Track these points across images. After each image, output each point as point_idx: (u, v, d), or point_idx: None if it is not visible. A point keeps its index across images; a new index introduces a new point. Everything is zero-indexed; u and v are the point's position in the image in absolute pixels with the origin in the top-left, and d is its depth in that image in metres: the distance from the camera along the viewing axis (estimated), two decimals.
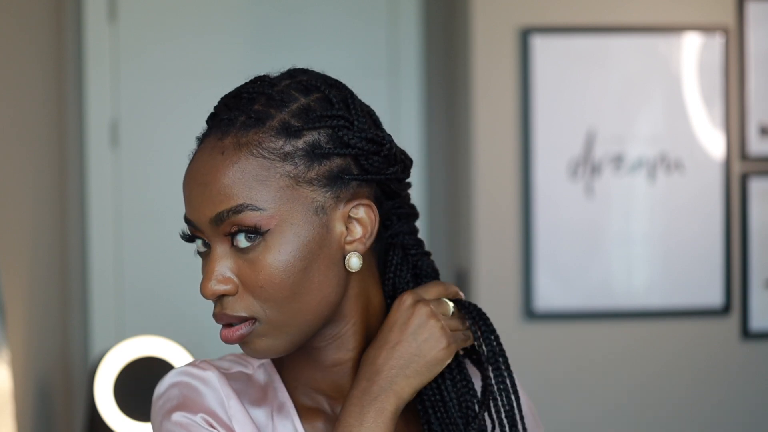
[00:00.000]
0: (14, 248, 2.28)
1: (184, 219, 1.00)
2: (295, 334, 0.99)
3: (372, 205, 1.00)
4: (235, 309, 0.98)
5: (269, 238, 0.96)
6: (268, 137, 0.97)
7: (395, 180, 1.04)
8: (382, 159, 1.01)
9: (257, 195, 0.95)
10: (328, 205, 0.98)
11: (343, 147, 0.99)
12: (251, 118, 0.98)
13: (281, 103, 0.98)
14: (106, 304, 3.11)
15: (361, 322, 1.04)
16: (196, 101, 3.14)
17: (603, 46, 2.70)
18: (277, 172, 0.96)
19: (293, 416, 1.03)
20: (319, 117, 0.98)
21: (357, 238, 1.00)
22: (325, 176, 0.98)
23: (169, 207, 3.13)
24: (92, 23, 3.10)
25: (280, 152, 0.96)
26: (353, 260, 0.99)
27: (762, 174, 2.73)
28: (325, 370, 1.05)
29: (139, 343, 2.39)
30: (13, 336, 2.18)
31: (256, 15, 3.18)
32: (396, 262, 1.08)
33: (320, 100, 1.00)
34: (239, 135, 0.97)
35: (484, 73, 2.70)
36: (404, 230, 1.09)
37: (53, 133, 2.85)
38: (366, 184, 1.01)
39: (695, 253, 2.72)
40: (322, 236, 0.98)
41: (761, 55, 2.73)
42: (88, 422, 2.38)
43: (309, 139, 0.97)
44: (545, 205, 2.70)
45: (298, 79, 1.02)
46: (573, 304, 2.70)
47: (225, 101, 1.02)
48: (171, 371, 1.04)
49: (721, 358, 2.75)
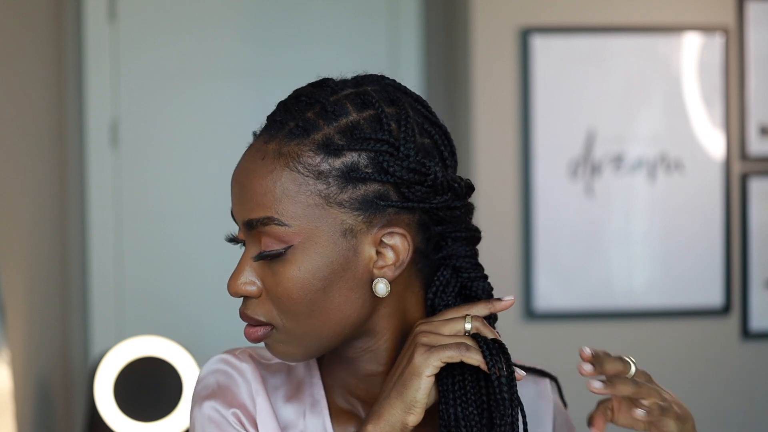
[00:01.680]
0: (14, 248, 2.28)
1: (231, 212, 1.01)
2: (311, 347, 0.99)
3: (407, 235, 0.97)
4: (256, 312, 0.99)
5: (292, 253, 0.95)
6: (307, 151, 0.95)
7: (445, 208, 1.00)
8: (426, 188, 0.98)
9: (284, 210, 0.95)
10: (358, 228, 0.96)
11: (382, 173, 0.96)
12: (299, 127, 0.96)
13: (332, 116, 0.96)
14: (106, 304, 3.11)
15: (395, 339, 1.02)
16: (196, 101, 3.14)
17: (603, 46, 2.70)
18: (309, 189, 0.95)
19: (325, 415, 1.03)
20: (364, 139, 0.96)
21: (387, 264, 0.98)
22: (359, 200, 0.96)
23: (169, 207, 3.13)
24: (92, 23, 3.10)
25: (315, 170, 0.95)
26: (380, 286, 0.97)
27: (762, 174, 2.73)
28: (360, 378, 1.04)
29: (139, 343, 2.39)
30: (13, 336, 2.18)
31: (256, 15, 3.18)
32: (440, 282, 1.03)
33: (371, 120, 0.97)
34: (282, 143, 0.96)
35: (484, 73, 2.70)
36: (459, 253, 1.04)
37: (53, 132, 2.85)
38: (406, 211, 0.98)
39: (695, 253, 2.72)
40: (348, 259, 0.96)
41: (761, 55, 2.73)
42: (88, 422, 2.38)
43: (347, 160, 0.95)
44: (545, 205, 2.69)
45: (360, 89, 1.00)
46: (573, 304, 2.70)
47: (287, 100, 1.01)
48: (215, 357, 1.07)
49: (721, 358, 2.75)
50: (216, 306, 3.10)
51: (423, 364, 0.94)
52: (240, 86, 3.15)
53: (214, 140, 3.12)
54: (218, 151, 3.09)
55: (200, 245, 3.11)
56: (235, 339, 3.00)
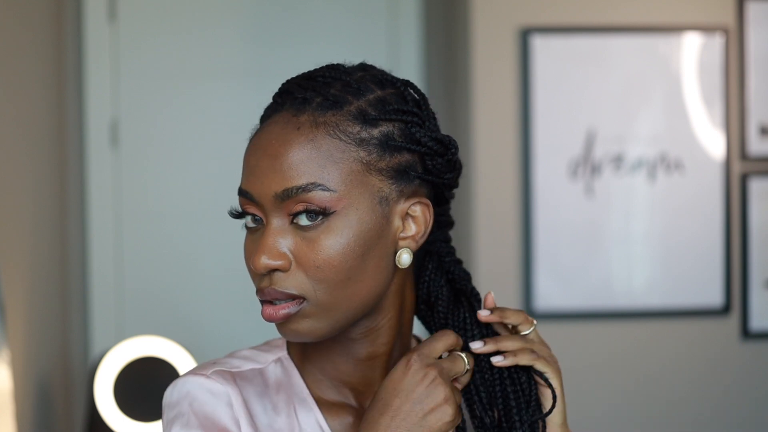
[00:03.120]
0: (14, 248, 2.28)
1: (239, 191, 0.99)
2: (339, 320, 0.98)
3: (430, 205, 1.01)
4: (286, 285, 0.96)
5: (333, 219, 0.95)
6: (345, 120, 0.97)
7: (449, 186, 1.05)
8: (444, 162, 1.02)
9: (329, 175, 0.95)
10: (392, 197, 0.98)
11: (414, 143, 0.99)
12: (328, 101, 0.97)
13: (358, 91, 0.99)
14: (106, 304, 3.11)
15: (396, 317, 1.04)
16: (196, 101, 3.14)
17: (603, 46, 2.70)
18: (352, 156, 0.96)
19: (316, 411, 1.03)
20: (395, 110, 0.99)
21: (410, 235, 1.00)
22: (394, 168, 0.98)
23: (169, 207, 3.13)
24: (92, 23, 3.10)
25: (357, 137, 0.97)
26: (404, 257, 1.00)
27: (762, 174, 2.73)
28: (358, 364, 1.04)
29: (139, 343, 2.39)
30: (13, 336, 2.18)
31: (256, 14, 3.18)
32: (432, 267, 1.08)
33: (395, 95, 1.01)
34: (317, 114, 0.97)
35: (484, 73, 2.70)
36: (440, 238, 1.10)
37: (53, 132, 2.85)
38: (426, 185, 1.02)
39: (695, 253, 2.72)
40: (382, 227, 0.98)
41: (761, 55, 2.73)
42: (88, 422, 2.38)
43: (384, 130, 0.98)
44: (545, 205, 2.70)
45: (372, 72, 1.02)
46: (573, 304, 2.70)
47: (297, 81, 1.01)
48: (183, 378, 1.02)
49: (721, 358, 2.75)
50: (216, 306, 3.10)
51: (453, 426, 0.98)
52: (240, 86, 3.15)
53: (214, 140, 3.12)
54: (218, 151, 3.09)
55: (200, 245, 3.11)
56: (235, 339, 3.03)
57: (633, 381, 2.74)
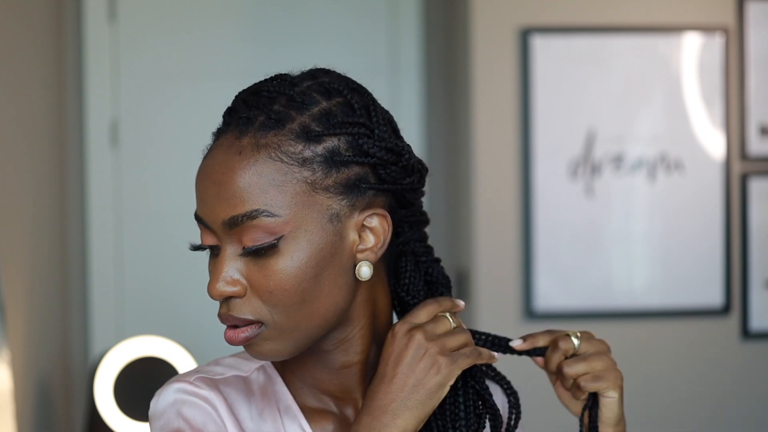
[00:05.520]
0: (14, 248, 2.28)
1: (195, 216, 0.99)
2: (300, 339, 0.97)
3: (386, 215, 0.99)
4: (242, 311, 0.96)
5: (282, 243, 0.94)
6: (287, 140, 0.94)
7: (411, 190, 1.03)
8: (399, 169, 0.99)
9: (273, 200, 0.94)
10: (343, 213, 0.96)
11: (363, 155, 0.97)
12: (271, 119, 0.95)
13: (302, 106, 0.96)
14: (106, 304, 3.11)
15: (368, 326, 1.02)
16: (196, 101, 3.14)
17: (603, 46, 2.70)
18: (295, 178, 0.94)
19: (300, 418, 1.02)
20: (341, 123, 0.96)
21: (369, 247, 0.98)
22: (342, 184, 0.96)
23: (169, 207, 3.13)
24: (92, 23, 3.10)
25: (299, 157, 0.94)
26: (364, 269, 0.98)
27: (762, 174, 2.73)
28: (333, 373, 1.03)
29: (139, 343, 2.39)
30: (13, 336, 2.18)
31: (256, 14, 3.18)
32: (409, 269, 1.06)
33: (342, 105, 0.97)
34: (258, 136, 0.95)
35: (484, 73, 2.70)
36: (415, 237, 1.08)
37: (53, 133, 2.85)
38: (381, 194, 0.99)
39: (695, 253, 2.72)
40: (335, 244, 0.96)
41: (761, 55, 2.73)
42: (88, 422, 2.38)
43: (329, 145, 0.95)
44: (545, 205, 2.70)
45: (319, 80, 0.99)
46: (573, 304, 2.70)
47: (243, 97, 1.00)
48: (166, 386, 1.01)
49: (721, 358, 2.75)
50: (216, 306, 3.10)
51: (449, 376, 0.97)
52: (240, 86, 3.10)
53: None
54: None
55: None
56: None
57: (633, 381, 2.73)
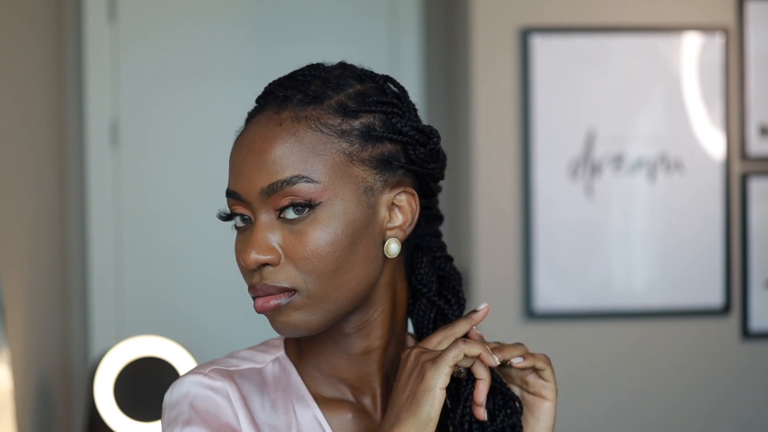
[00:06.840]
0: (14, 248, 2.28)
1: (227, 192, 1.01)
2: (331, 311, 0.99)
3: (415, 194, 1.03)
4: (276, 279, 0.98)
5: (319, 211, 0.97)
6: (326, 114, 0.99)
7: (433, 177, 1.07)
8: (427, 152, 1.04)
9: (312, 168, 0.97)
10: (376, 187, 1.01)
11: (396, 133, 1.02)
12: (309, 96, 1.00)
13: (338, 86, 1.01)
14: (106, 304, 3.11)
15: (389, 310, 1.05)
16: (196, 100, 3.14)
17: (603, 46, 2.70)
18: (334, 148, 0.98)
19: (314, 407, 1.04)
20: (375, 102, 1.01)
21: (398, 225, 1.02)
22: (377, 158, 1.00)
23: (169, 207, 3.13)
24: (92, 23, 3.10)
25: (338, 129, 0.99)
26: (392, 246, 1.01)
27: (762, 174, 2.73)
28: (352, 359, 1.05)
29: (139, 343, 2.39)
30: (13, 336, 2.18)
31: (256, 14, 3.18)
32: (425, 261, 1.09)
33: (374, 89, 1.04)
34: (297, 110, 0.99)
35: (484, 73, 2.70)
36: (430, 232, 1.12)
37: (53, 133, 2.85)
38: (410, 175, 1.04)
39: (695, 253, 2.72)
40: (368, 216, 1.00)
41: (761, 55, 2.73)
42: (88, 422, 2.38)
43: (364, 121, 1.01)
44: (545, 205, 2.70)
45: (352, 69, 1.05)
46: (573, 304, 2.70)
47: (279, 81, 1.04)
48: (182, 378, 1.03)
49: (721, 358, 2.75)
50: (216, 306, 3.10)
51: (434, 376, 0.96)
52: (240, 86, 3.15)
53: (214, 140, 3.12)
54: (218, 151, 3.09)
55: (200, 245, 3.11)
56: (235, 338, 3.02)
57: (633, 381, 2.74)
